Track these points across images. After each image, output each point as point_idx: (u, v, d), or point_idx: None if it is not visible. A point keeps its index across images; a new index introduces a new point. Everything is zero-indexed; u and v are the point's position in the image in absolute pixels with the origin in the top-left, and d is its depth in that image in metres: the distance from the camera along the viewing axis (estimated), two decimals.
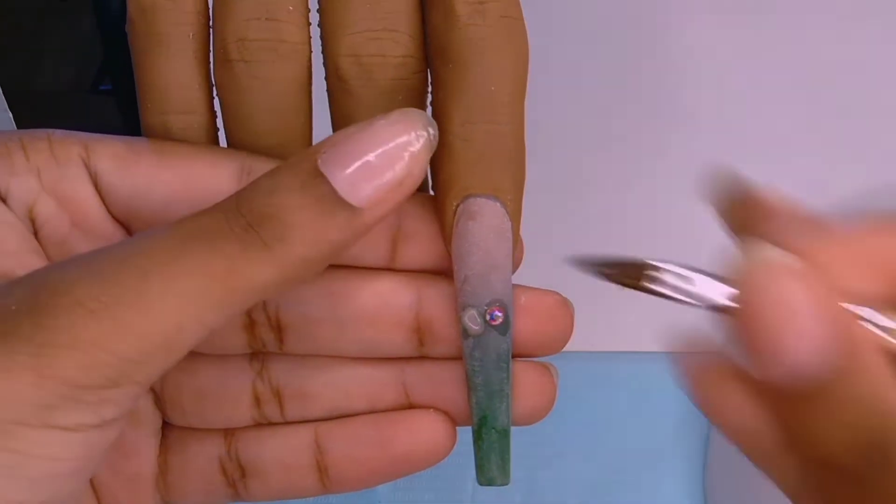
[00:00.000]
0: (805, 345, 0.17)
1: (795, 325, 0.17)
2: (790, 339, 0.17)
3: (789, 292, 0.18)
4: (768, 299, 0.18)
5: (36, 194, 0.23)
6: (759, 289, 0.18)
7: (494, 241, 0.23)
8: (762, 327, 0.18)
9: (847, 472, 0.18)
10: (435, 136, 0.21)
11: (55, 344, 0.18)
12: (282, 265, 0.20)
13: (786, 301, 0.17)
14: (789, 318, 0.17)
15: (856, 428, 0.17)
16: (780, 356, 0.17)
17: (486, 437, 0.25)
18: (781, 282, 0.18)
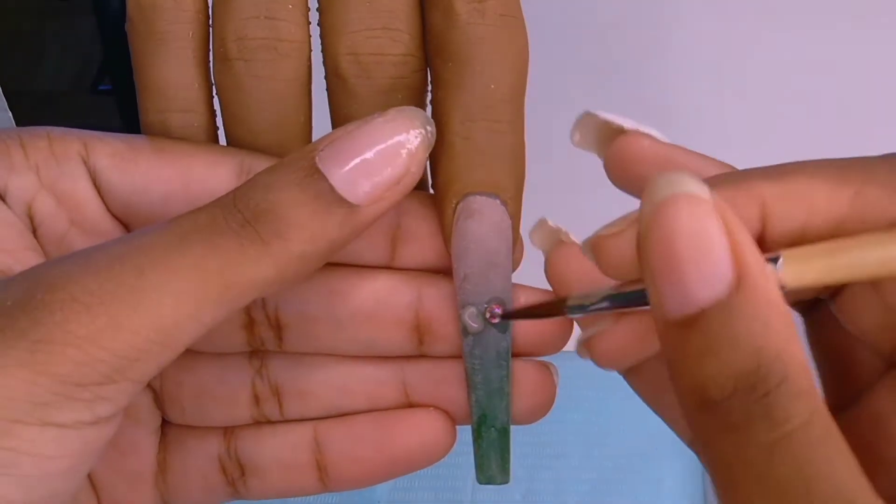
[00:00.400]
0: (709, 272, 0.17)
1: (705, 254, 0.17)
2: (696, 267, 0.17)
3: (701, 221, 0.17)
4: (679, 228, 0.17)
5: (34, 192, 0.23)
6: (668, 219, 0.17)
7: (494, 240, 0.23)
8: (669, 256, 0.17)
9: (718, 410, 0.17)
10: (432, 133, 0.21)
11: (50, 340, 0.18)
12: (279, 262, 0.20)
13: (697, 229, 0.17)
14: (699, 246, 0.17)
15: (729, 361, 0.17)
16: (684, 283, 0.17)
17: (486, 435, 0.24)
18: (692, 211, 0.17)
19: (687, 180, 0.18)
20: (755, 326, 0.17)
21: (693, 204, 0.17)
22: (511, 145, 0.23)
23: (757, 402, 0.17)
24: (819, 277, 0.19)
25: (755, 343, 0.17)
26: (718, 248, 0.17)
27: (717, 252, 0.17)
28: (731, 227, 0.17)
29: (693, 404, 0.17)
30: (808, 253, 0.19)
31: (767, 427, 0.16)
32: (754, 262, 0.17)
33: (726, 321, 0.17)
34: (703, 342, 0.17)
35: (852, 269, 0.19)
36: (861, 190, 0.19)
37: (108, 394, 0.19)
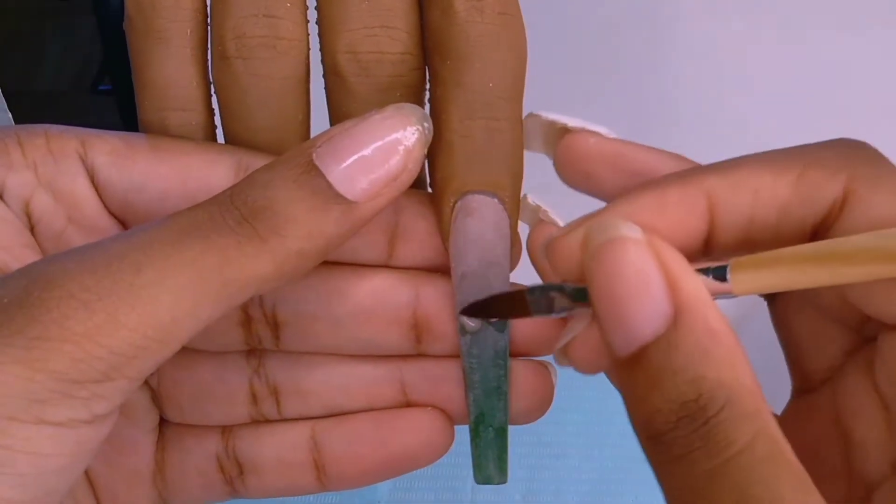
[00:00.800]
0: (648, 311, 0.18)
1: (639, 293, 0.18)
2: (636, 307, 0.18)
3: (633, 262, 0.18)
4: (614, 271, 0.18)
5: (32, 189, 0.23)
6: (604, 264, 0.18)
7: (493, 238, 0.23)
8: (611, 298, 0.18)
9: (663, 442, 0.18)
10: (429, 130, 0.21)
11: (47, 337, 0.18)
12: (277, 258, 0.20)
13: (630, 271, 0.18)
14: (635, 287, 0.18)
15: (671, 393, 0.17)
16: (626, 323, 0.18)
17: (484, 435, 0.24)
18: (627, 254, 0.18)
19: (619, 224, 0.19)
20: (695, 356, 0.17)
21: (626, 247, 0.18)
22: (509, 144, 0.23)
23: (697, 431, 0.17)
24: (767, 285, 0.19)
25: (695, 373, 0.17)
26: (654, 286, 0.18)
27: (653, 289, 0.18)
28: (667, 261, 0.18)
29: (643, 437, 0.18)
30: (754, 262, 0.19)
31: (707, 455, 0.17)
32: (691, 293, 0.18)
33: (667, 354, 0.18)
34: (647, 377, 0.18)
35: (797, 279, 0.19)
36: (803, 173, 0.20)
37: (105, 391, 0.19)
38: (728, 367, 0.17)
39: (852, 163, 0.19)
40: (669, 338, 0.18)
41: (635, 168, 0.22)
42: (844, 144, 0.20)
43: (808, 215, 0.20)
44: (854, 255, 0.18)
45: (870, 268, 0.18)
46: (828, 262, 0.18)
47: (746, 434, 0.17)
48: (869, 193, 0.19)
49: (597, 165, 0.22)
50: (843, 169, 0.19)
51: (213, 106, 0.25)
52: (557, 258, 0.21)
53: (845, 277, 0.19)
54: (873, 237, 0.18)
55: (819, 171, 0.19)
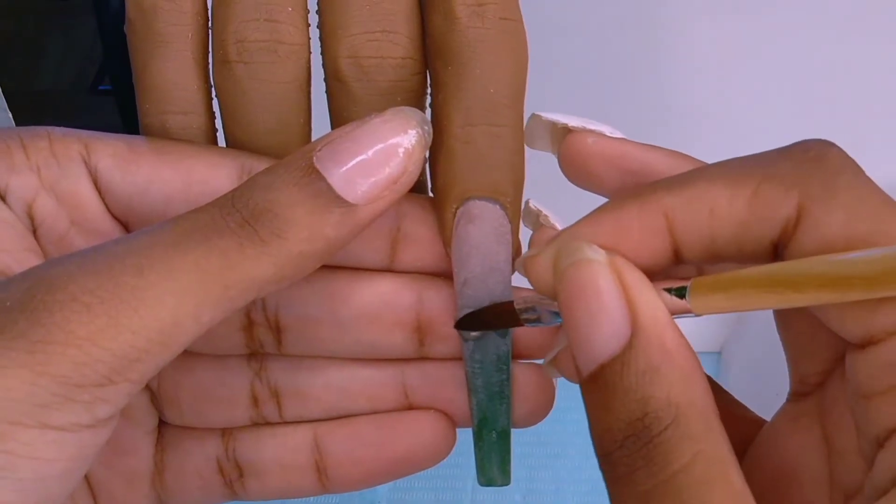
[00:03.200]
0: (606, 331, 0.18)
1: (599, 314, 0.18)
2: (595, 327, 0.18)
3: (594, 285, 0.19)
4: (576, 293, 0.19)
5: (35, 192, 0.23)
6: (568, 286, 0.19)
7: (494, 244, 0.23)
8: (574, 319, 0.19)
9: (609, 462, 0.18)
10: (429, 133, 0.21)
11: (50, 340, 0.18)
12: (278, 261, 0.20)
13: (591, 293, 0.19)
14: (594, 307, 0.18)
15: (619, 413, 0.18)
16: (587, 342, 0.18)
17: (487, 438, 0.25)
18: (589, 276, 0.19)
19: (582, 247, 0.19)
20: (645, 376, 0.18)
21: (589, 269, 0.19)
22: (511, 149, 0.23)
23: (640, 451, 0.17)
24: (724, 307, 0.20)
25: (644, 392, 0.18)
26: (613, 307, 0.18)
27: (612, 310, 0.18)
28: (627, 282, 0.19)
29: (598, 456, 0.18)
30: (711, 284, 0.19)
31: (647, 474, 0.17)
32: (648, 313, 0.18)
33: (619, 374, 0.18)
34: (602, 396, 0.18)
35: (751, 302, 0.19)
36: (758, 190, 0.19)
37: (107, 395, 0.19)
38: (679, 386, 0.18)
39: (807, 177, 0.19)
40: (623, 357, 0.18)
41: (635, 167, 0.22)
42: (802, 152, 0.19)
43: (765, 233, 0.19)
44: (801, 281, 0.18)
45: (817, 294, 0.18)
46: (778, 287, 0.18)
47: (686, 454, 0.17)
48: (821, 212, 0.18)
49: (597, 165, 0.23)
50: (797, 184, 0.19)
51: (213, 110, 0.25)
52: (532, 276, 0.21)
53: (796, 302, 0.18)
54: (819, 262, 0.18)
55: (773, 187, 0.19)
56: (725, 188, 0.19)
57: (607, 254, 0.19)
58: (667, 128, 0.51)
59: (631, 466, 0.17)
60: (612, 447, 0.18)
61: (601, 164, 0.23)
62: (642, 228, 0.20)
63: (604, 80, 0.51)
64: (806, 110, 0.51)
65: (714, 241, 0.20)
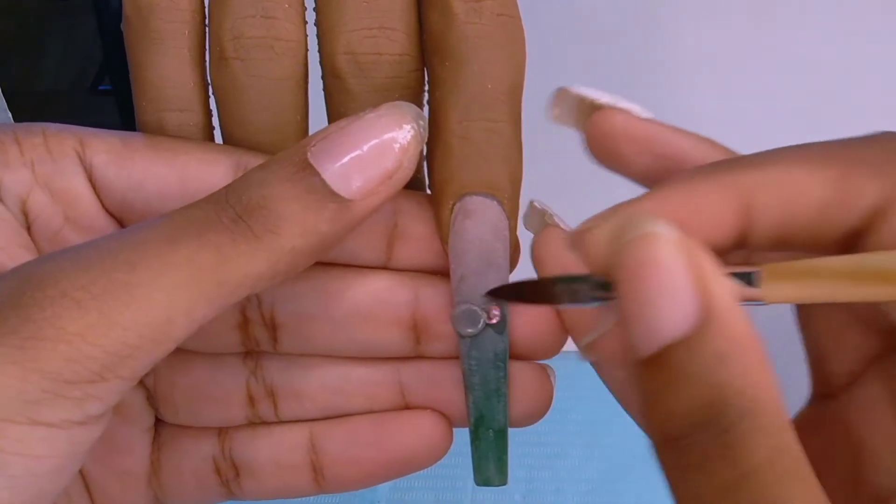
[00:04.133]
0: (674, 312, 0.17)
1: (668, 293, 0.17)
2: (662, 306, 0.17)
3: (664, 261, 0.17)
4: (643, 269, 0.17)
5: (29, 187, 0.23)
6: (633, 261, 0.18)
7: (491, 240, 0.23)
8: (637, 296, 0.17)
9: (677, 448, 0.17)
10: (424, 128, 0.21)
11: (41, 336, 0.18)
12: (272, 256, 0.20)
13: (660, 269, 0.17)
14: (663, 286, 0.17)
15: (688, 397, 0.17)
16: (651, 321, 0.17)
17: (483, 437, 0.24)
18: (657, 252, 0.17)
19: (651, 220, 0.18)
20: (717, 362, 0.17)
21: (657, 244, 0.17)
22: (508, 145, 0.23)
23: (714, 440, 0.16)
24: (800, 297, 0.19)
25: (715, 379, 0.17)
26: (682, 287, 0.17)
27: (681, 290, 0.17)
28: (698, 263, 0.17)
29: (657, 442, 0.18)
30: (787, 271, 0.19)
31: (725, 466, 0.16)
32: (720, 298, 0.17)
33: (689, 357, 0.17)
34: (667, 378, 0.17)
35: (832, 293, 0.18)
36: (845, 172, 0.18)
37: (99, 392, 0.18)
38: (751, 377, 0.17)
39: (893, 164, 0.18)
40: (693, 341, 0.17)
41: (664, 151, 0.22)
42: (890, 141, 0.19)
43: (846, 219, 0.18)
44: (891, 275, 0.17)
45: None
46: (865, 279, 0.18)
47: (767, 448, 0.16)
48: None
49: (625, 145, 0.22)
50: (885, 173, 0.18)
51: (210, 107, 0.25)
52: (588, 250, 0.20)
53: (881, 296, 0.18)
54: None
55: (860, 172, 0.18)
56: (810, 170, 0.18)
57: (677, 230, 0.18)
58: None
59: (706, 455, 0.16)
60: (680, 432, 0.17)
61: (630, 146, 0.22)
62: (716, 207, 0.19)
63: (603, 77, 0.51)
64: (806, 110, 0.51)
65: (790, 226, 0.19)
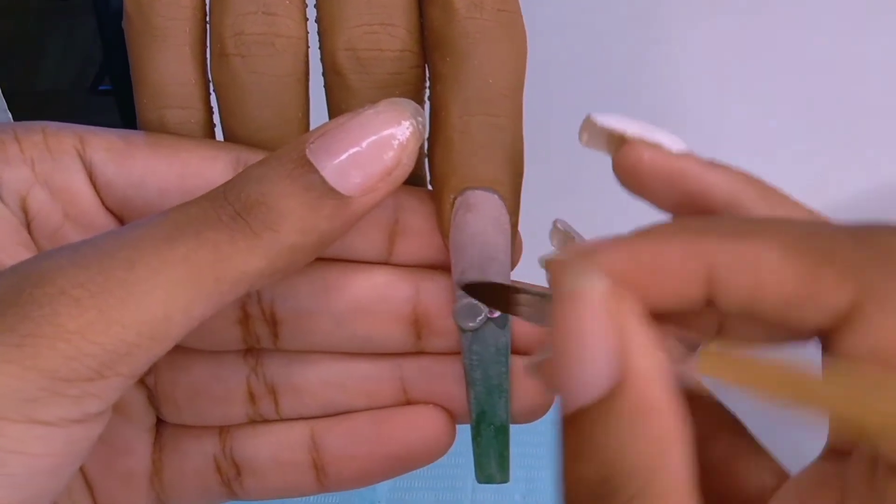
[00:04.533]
0: (589, 375, 0.17)
1: (586, 353, 0.17)
2: (580, 366, 0.17)
3: (586, 322, 0.17)
4: (568, 325, 0.17)
5: (29, 185, 0.23)
6: (561, 314, 0.17)
7: (493, 234, 0.23)
8: (562, 351, 0.17)
9: None
10: (423, 124, 0.21)
11: (39, 335, 0.18)
12: (270, 253, 0.20)
13: (581, 331, 0.17)
14: (582, 348, 0.17)
15: (588, 468, 0.17)
16: (570, 380, 0.17)
17: (485, 433, 0.24)
18: (581, 311, 0.17)
19: (587, 273, 0.18)
20: (622, 434, 0.16)
21: (587, 301, 0.17)
22: (509, 140, 0.23)
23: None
24: (729, 381, 0.18)
25: (616, 452, 0.16)
26: (602, 349, 0.17)
27: (600, 353, 0.17)
28: (626, 326, 0.17)
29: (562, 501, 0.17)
30: (722, 360, 0.18)
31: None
32: (640, 364, 0.17)
33: (596, 425, 0.17)
34: (575, 442, 0.17)
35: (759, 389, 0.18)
36: (818, 267, 0.17)
37: (97, 390, 0.18)
38: (654, 453, 0.16)
39: (869, 269, 0.17)
40: (604, 406, 0.17)
41: (692, 188, 0.21)
42: (869, 236, 0.17)
43: (813, 317, 0.17)
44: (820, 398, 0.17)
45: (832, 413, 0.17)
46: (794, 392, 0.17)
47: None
48: (876, 314, 0.16)
49: (653, 182, 0.21)
50: (857, 275, 0.17)
51: (212, 104, 0.25)
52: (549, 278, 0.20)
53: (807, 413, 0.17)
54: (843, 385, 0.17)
55: (833, 271, 0.17)
56: (782, 256, 0.17)
57: (612, 286, 0.17)
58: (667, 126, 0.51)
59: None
60: (577, 501, 0.17)
61: (657, 182, 0.21)
62: (680, 272, 0.18)
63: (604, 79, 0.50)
64: (806, 111, 0.51)
65: (754, 307, 0.18)
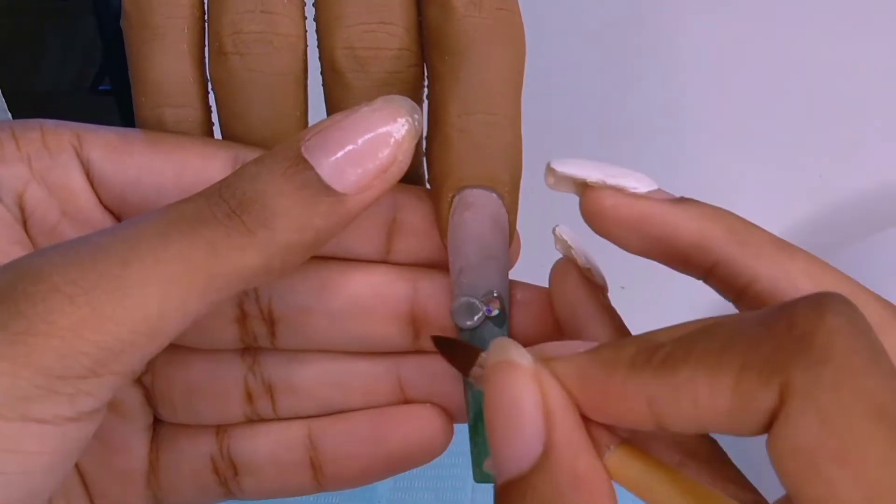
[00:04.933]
0: (517, 445, 0.17)
1: (513, 427, 0.17)
2: (507, 439, 0.17)
3: (514, 395, 0.18)
4: (496, 399, 0.18)
5: (26, 182, 0.23)
6: (490, 389, 0.18)
7: (491, 232, 0.23)
8: (490, 424, 0.18)
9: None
10: (419, 122, 0.21)
11: (32, 332, 0.18)
12: (265, 251, 0.20)
13: (509, 402, 0.18)
14: (510, 419, 0.17)
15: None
16: (498, 452, 0.18)
17: (482, 432, 0.24)
18: (509, 383, 0.18)
19: (508, 348, 0.18)
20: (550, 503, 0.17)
21: (511, 374, 0.18)
22: (508, 139, 0.23)
23: None
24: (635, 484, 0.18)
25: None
26: (527, 421, 0.17)
27: (526, 425, 0.17)
28: (549, 398, 0.17)
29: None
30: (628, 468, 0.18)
31: None
32: (564, 434, 0.17)
33: (524, 496, 0.17)
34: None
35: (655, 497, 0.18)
36: (739, 378, 0.16)
37: (91, 388, 0.18)
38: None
39: (789, 365, 0.16)
40: (531, 478, 0.17)
41: (657, 232, 0.21)
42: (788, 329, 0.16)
43: (751, 423, 0.17)
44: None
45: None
46: None
47: None
48: (797, 415, 0.16)
49: (617, 227, 0.21)
50: (777, 374, 0.16)
51: (210, 103, 0.25)
52: None
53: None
54: None
55: (752, 378, 0.16)
56: (707, 379, 0.17)
57: (534, 361, 0.18)
58: (668, 126, 0.51)
59: None
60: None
61: (622, 228, 0.21)
62: (626, 407, 0.18)
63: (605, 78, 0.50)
64: (806, 111, 0.51)
65: (700, 428, 0.18)
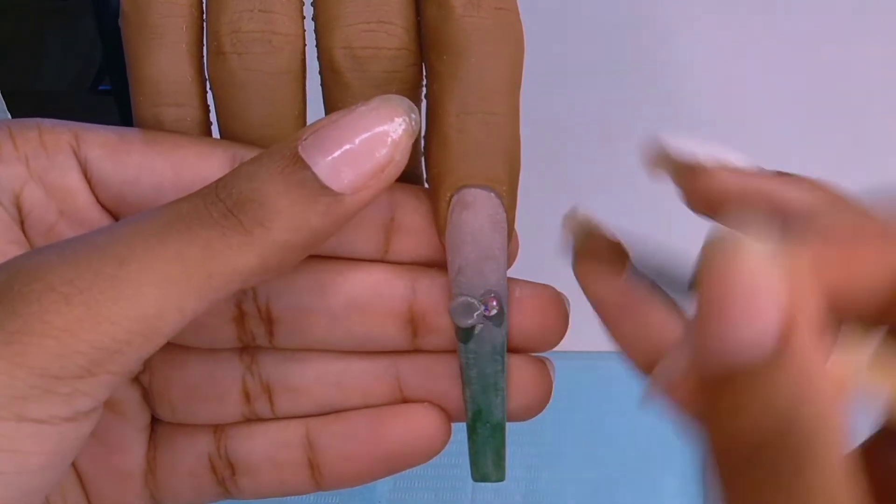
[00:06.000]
0: (755, 331, 0.16)
1: (754, 310, 0.16)
2: (743, 323, 0.16)
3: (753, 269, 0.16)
4: (730, 275, 0.16)
5: (23, 182, 0.23)
6: (723, 264, 0.16)
7: (489, 232, 0.23)
8: (719, 301, 0.16)
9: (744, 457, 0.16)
10: (416, 121, 0.21)
11: (28, 332, 0.18)
12: (262, 251, 0.20)
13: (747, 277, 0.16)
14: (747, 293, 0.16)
15: (765, 412, 0.16)
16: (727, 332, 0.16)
17: (481, 431, 0.24)
18: (746, 259, 0.16)
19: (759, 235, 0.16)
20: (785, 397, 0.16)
21: (757, 257, 0.16)
22: (506, 138, 0.23)
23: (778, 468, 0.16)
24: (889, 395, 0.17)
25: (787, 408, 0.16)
26: (768, 309, 0.16)
27: (766, 312, 0.16)
28: (797, 288, 0.16)
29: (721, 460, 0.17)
30: None
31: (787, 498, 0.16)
32: (803, 334, 0.16)
33: (758, 385, 0.16)
34: (736, 400, 0.16)
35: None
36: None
37: (87, 387, 0.18)
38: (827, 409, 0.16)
39: None
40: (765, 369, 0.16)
41: (769, 205, 0.20)
42: None
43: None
44: None
45: None
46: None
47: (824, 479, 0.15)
48: None
49: (729, 203, 0.21)
50: None
51: (208, 102, 0.25)
52: None
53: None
54: None
55: None
56: None
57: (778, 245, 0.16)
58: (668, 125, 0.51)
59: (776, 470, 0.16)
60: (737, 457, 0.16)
61: (734, 204, 0.21)
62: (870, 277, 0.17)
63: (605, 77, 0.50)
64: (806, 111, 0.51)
65: None
